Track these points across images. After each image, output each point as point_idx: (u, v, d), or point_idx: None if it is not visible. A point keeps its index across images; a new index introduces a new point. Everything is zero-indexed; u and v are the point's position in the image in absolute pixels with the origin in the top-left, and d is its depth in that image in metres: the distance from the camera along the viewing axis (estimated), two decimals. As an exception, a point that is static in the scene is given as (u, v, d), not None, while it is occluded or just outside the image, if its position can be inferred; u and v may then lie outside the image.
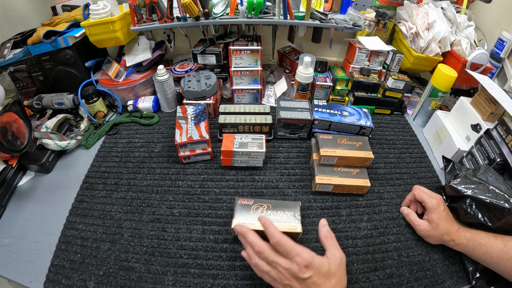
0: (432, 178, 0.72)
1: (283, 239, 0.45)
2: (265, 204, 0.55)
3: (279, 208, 0.54)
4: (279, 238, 0.45)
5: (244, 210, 0.54)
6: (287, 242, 0.45)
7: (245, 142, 0.68)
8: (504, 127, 0.60)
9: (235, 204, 0.55)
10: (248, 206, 0.55)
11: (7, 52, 0.79)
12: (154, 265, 0.54)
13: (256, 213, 0.53)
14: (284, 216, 0.53)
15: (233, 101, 0.90)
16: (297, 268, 0.43)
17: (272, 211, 0.54)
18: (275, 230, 0.46)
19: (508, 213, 0.51)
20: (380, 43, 0.85)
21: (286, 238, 0.45)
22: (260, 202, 0.55)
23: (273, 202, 0.55)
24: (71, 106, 0.83)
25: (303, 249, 0.45)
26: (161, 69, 0.81)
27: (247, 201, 0.55)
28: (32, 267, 0.54)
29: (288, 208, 0.54)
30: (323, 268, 0.44)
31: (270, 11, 0.80)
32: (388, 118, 0.90)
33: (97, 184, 0.68)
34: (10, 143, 0.60)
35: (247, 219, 0.53)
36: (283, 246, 0.44)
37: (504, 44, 0.83)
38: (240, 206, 0.55)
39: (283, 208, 0.54)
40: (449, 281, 0.54)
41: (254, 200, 0.56)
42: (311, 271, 0.43)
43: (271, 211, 0.54)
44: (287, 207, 0.55)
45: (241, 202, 0.55)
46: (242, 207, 0.55)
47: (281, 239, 0.45)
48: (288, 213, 0.54)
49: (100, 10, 0.75)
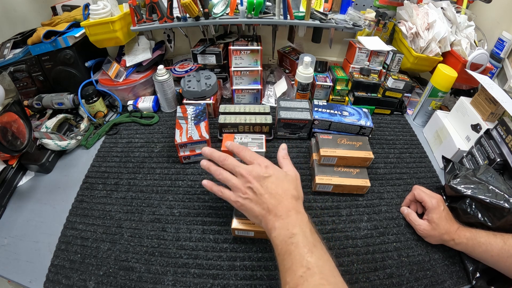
0: (432, 178, 0.72)
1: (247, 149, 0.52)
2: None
3: None
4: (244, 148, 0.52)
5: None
6: (251, 151, 0.51)
7: (245, 142, 0.68)
8: (504, 127, 0.61)
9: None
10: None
11: (7, 52, 0.79)
12: (154, 265, 0.54)
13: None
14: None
15: (233, 101, 0.90)
16: (259, 168, 0.48)
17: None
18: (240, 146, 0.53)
19: (508, 213, 0.51)
20: (380, 43, 0.85)
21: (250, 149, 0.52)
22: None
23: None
24: (71, 106, 0.83)
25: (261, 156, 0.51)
26: (161, 69, 0.81)
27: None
28: (32, 267, 0.54)
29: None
30: (281, 172, 0.49)
31: (270, 11, 0.80)
32: (388, 118, 0.90)
33: (97, 184, 0.68)
34: (10, 143, 0.60)
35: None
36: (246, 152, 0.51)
37: (504, 44, 0.83)
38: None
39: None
40: (449, 281, 0.54)
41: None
42: (271, 170, 0.48)
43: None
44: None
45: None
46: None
47: (245, 149, 0.52)
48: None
49: (100, 10, 0.75)
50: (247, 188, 0.46)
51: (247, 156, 0.50)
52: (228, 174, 0.50)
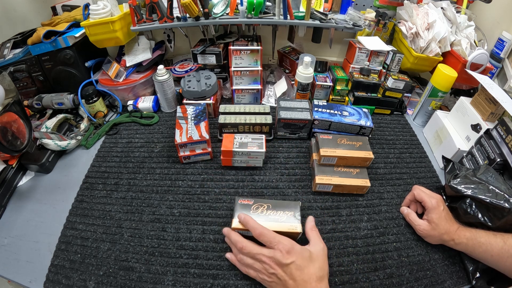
0: (432, 178, 0.72)
1: (265, 230, 0.48)
2: (265, 204, 0.55)
3: (279, 208, 0.54)
4: (261, 229, 0.48)
5: (244, 210, 0.54)
6: (269, 233, 0.48)
7: (245, 142, 0.68)
8: (504, 127, 0.61)
9: (235, 204, 0.55)
10: (248, 206, 0.55)
11: (7, 52, 0.79)
12: (154, 265, 0.54)
13: (256, 213, 0.54)
14: (284, 216, 0.53)
15: (233, 101, 0.90)
16: (280, 254, 0.45)
17: (272, 211, 0.54)
18: (256, 223, 0.50)
19: (508, 213, 0.51)
20: (380, 43, 0.85)
21: (267, 229, 0.49)
22: (260, 202, 0.55)
23: (273, 202, 0.55)
24: (71, 106, 0.83)
25: (283, 237, 0.48)
26: (161, 69, 0.81)
27: (247, 201, 0.55)
28: (32, 267, 0.54)
29: (288, 208, 0.54)
30: (305, 253, 0.47)
31: (270, 11, 0.80)
32: (388, 118, 0.90)
33: (97, 184, 0.68)
34: (10, 143, 0.60)
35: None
36: (266, 236, 0.47)
37: (504, 44, 0.83)
38: (240, 206, 0.55)
39: (283, 208, 0.54)
40: (449, 281, 0.54)
41: (254, 200, 0.55)
42: (293, 256, 0.45)
43: (271, 211, 0.54)
44: (287, 207, 0.55)
45: (241, 202, 0.55)
46: (242, 207, 0.54)
47: (263, 230, 0.48)
48: (288, 213, 0.54)
49: (100, 10, 0.75)
50: (271, 274, 0.46)
51: (267, 242, 0.48)
52: (250, 260, 0.49)
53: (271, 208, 0.54)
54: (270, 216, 0.53)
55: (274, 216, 0.53)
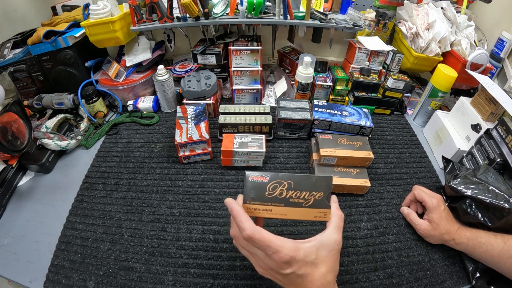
0: (432, 178, 0.72)
1: (256, 235, 0.36)
2: (285, 181, 0.41)
3: (304, 187, 0.41)
4: (251, 233, 0.36)
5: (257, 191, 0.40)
6: (263, 238, 0.36)
7: (245, 142, 0.68)
8: (504, 127, 0.60)
9: (245, 182, 0.41)
10: (263, 184, 0.40)
11: (7, 52, 0.79)
12: (154, 265, 0.54)
13: (273, 194, 0.40)
14: (311, 199, 0.40)
15: (233, 101, 0.90)
16: (276, 265, 0.37)
17: (294, 191, 0.40)
18: (246, 220, 0.38)
19: (508, 213, 0.51)
20: (380, 43, 0.85)
21: (260, 232, 0.37)
22: (278, 179, 0.41)
23: (296, 178, 0.41)
24: (71, 106, 0.83)
25: (283, 242, 0.37)
26: (161, 69, 0.81)
27: (261, 178, 0.41)
28: (32, 267, 0.54)
29: (316, 187, 0.41)
30: (309, 257, 0.38)
31: (270, 11, 0.80)
32: (388, 118, 0.90)
33: (97, 184, 0.68)
34: (10, 143, 0.60)
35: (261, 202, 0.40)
36: (257, 243, 0.37)
37: (504, 44, 0.83)
38: (251, 184, 0.40)
39: (310, 187, 0.41)
40: (449, 281, 0.54)
41: (271, 176, 0.41)
42: (294, 266, 0.37)
43: (293, 191, 0.40)
44: (315, 186, 0.41)
45: (252, 179, 0.41)
46: (254, 185, 0.40)
47: (253, 235, 0.36)
48: (316, 195, 0.41)
49: (100, 10, 0.75)
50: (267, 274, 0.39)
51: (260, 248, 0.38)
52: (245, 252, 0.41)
53: (293, 187, 0.41)
54: (292, 199, 0.40)
55: (297, 198, 0.40)
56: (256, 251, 0.39)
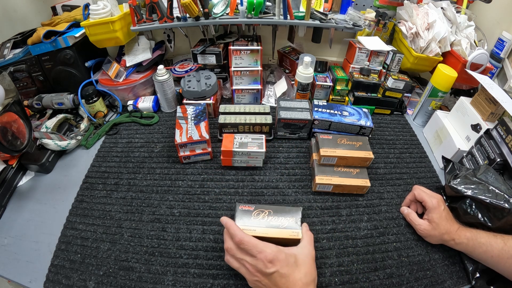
0: (432, 178, 0.72)
1: (245, 238, 0.46)
2: (266, 210, 0.54)
3: (280, 213, 0.53)
4: (241, 237, 0.46)
5: (245, 216, 0.53)
6: (250, 241, 0.45)
7: (245, 142, 0.68)
8: (504, 127, 0.60)
9: (236, 210, 0.54)
10: (249, 212, 0.53)
11: (7, 52, 0.79)
12: (154, 265, 0.54)
13: (257, 219, 0.53)
14: (286, 222, 0.52)
15: (233, 101, 0.90)
16: (262, 264, 0.44)
17: (273, 216, 0.53)
18: (237, 229, 0.47)
19: (508, 213, 0.51)
20: (380, 43, 0.85)
21: (249, 237, 0.46)
22: (261, 208, 0.54)
23: (275, 208, 0.54)
24: (71, 106, 0.83)
25: (267, 245, 0.45)
26: (161, 69, 0.81)
27: (248, 207, 0.54)
28: (32, 267, 0.54)
29: (289, 214, 0.53)
30: (290, 259, 0.45)
31: (270, 11, 0.80)
32: (388, 118, 0.90)
33: (97, 184, 0.68)
34: (10, 143, 0.60)
35: (248, 225, 0.51)
36: (245, 245, 0.45)
37: (504, 44, 0.83)
38: (240, 212, 0.53)
39: (285, 213, 0.53)
40: (449, 281, 0.54)
41: (255, 206, 0.54)
42: (276, 265, 0.44)
43: (272, 216, 0.53)
44: (289, 213, 0.54)
45: (242, 208, 0.54)
46: (243, 213, 0.53)
47: (243, 238, 0.46)
48: (289, 219, 0.53)
49: (100, 10, 0.75)
50: (255, 281, 0.45)
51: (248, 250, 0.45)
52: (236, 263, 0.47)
53: (272, 214, 0.53)
54: (271, 222, 0.52)
55: (275, 222, 0.52)
56: (246, 257, 0.45)
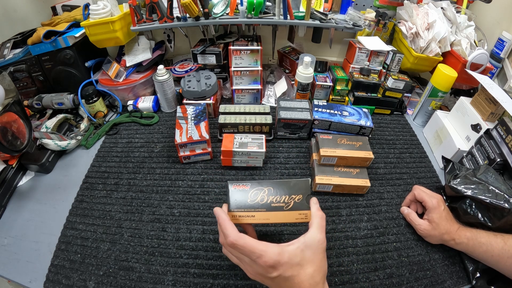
0: (432, 178, 0.72)
1: (239, 242, 0.38)
2: (265, 187, 0.44)
3: (283, 190, 0.43)
4: (234, 240, 0.38)
5: (240, 198, 0.43)
6: (245, 244, 0.38)
7: (245, 142, 0.68)
8: (504, 127, 0.60)
9: (228, 191, 0.44)
10: (245, 192, 0.44)
11: (7, 52, 0.79)
12: (154, 265, 0.54)
13: (256, 200, 0.43)
14: (291, 201, 0.42)
15: (233, 101, 0.90)
16: (262, 269, 0.38)
17: (274, 196, 0.43)
18: (230, 228, 0.40)
19: (508, 213, 0.51)
20: (380, 43, 0.85)
21: (243, 239, 0.38)
22: (259, 186, 0.44)
23: (276, 183, 0.44)
24: (71, 106, 0.83)
25: (266, 247, 0.38)
26: (161, 69, 0.81)
27: (243, 186, 0.44)
28: (32, 267, 0.54)
29: (295, 190, 0.43)
30: (294, 259, 0.38)
31: (270, 11, 0.80)
32: (388, 118, 0.90)
33: (97, 184, 0.68)
34: (10, 143, 0.60)
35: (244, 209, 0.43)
36: (240, 249, 0.38)
37: (504, 44, 0.83)
38: (234, 192, 0.44)
39: (289, 190, 0.43)
40: (449, 281, 0.54)
41: (251, 184, 0.44)
42: (279, 269, 0.37)
43: (273, 196, 0.43)
44: (294, 189, 0.43)
45: (235, 188, 0.44)
46: (237, 194, 0.44)
47: (236, 241, 0.38)
48: (295, 197, 0.43)
49: (100, 10, 0.75)
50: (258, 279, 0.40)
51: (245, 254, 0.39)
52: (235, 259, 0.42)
53: (273, 192, 0.44)
54: (272, 204, 0.43)
55: (278, 202, 0.43)
56: (243, 257, 0.40)
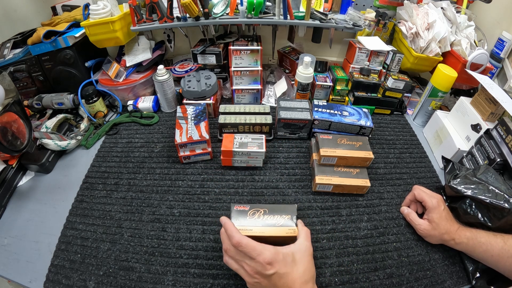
0: (432, 178, 0.72)
1: (243, 241, 0.44)
2: (261, 209, 0.53)
3: (276, 212, 0.53)
4: (239, 239, 0.45)
5: (240, 216, 0.53)
6: (248, 243, 0.44)
7: (245, 142, 0.68)
8: (504, 127, 0.61)
9: (231, 211, 0.53)
10: (244, 212, 0.53)
11: (7, 52, 0.79)
12: (154, 265, 0.54)
13: (253, 218, 0.52)
14: (281, 220, 0.52)
15: (233, 101, 0.90)
16: (261, 266, 0.43)
17: (269, 215, 0.53)
18: (235, 231, 0.46)
19: (508, 213, 0.51)
20: (380, 43, 0.85)
21: (247, 239, 0.45)
22: (256, 207, 0.54)
23: (270, 207, 0.54)
24: (71, 106, 0.83)
25: (265, 247, 0.45)
26: (161, 69, 0.81)
27: (243, 207, 0.54)
28: (32, 267, 0.54)
29: (285, 212, 0.53)
30: (288, 258, 0.45)
31: (270, 11, 0.80)
32: (388, 118, 0.90)
33: (97, 184, 0.68)
34: (10, 143, 0.60)
35: (244, 225, 0.51)
36: (243, 247, 0.44)
37: (504, 44, 0.83)
38: (236, 212, 0.53)
39: (280, 212, 0.53)
40: (449, 281, 0.54)
41: (250, 206, 0.54)
42: (275, 266, 0.43)
43: (268, 215, 0.53)
44: (284, 211, 0.53)
45: (237, 208, 0.53)
46: (238, 213, 0.53)
47: (241, 240, 0.44)
48: (285, 217, 0.53)
49: (100, 10, 0.75)
50: (255, 282, 0.45)
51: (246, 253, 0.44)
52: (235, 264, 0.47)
53: (268, 212, 0.53)
54: (267, 221, 0.52)
55: (271, 220, 0.52)
56: (244, 259, 0.45)
